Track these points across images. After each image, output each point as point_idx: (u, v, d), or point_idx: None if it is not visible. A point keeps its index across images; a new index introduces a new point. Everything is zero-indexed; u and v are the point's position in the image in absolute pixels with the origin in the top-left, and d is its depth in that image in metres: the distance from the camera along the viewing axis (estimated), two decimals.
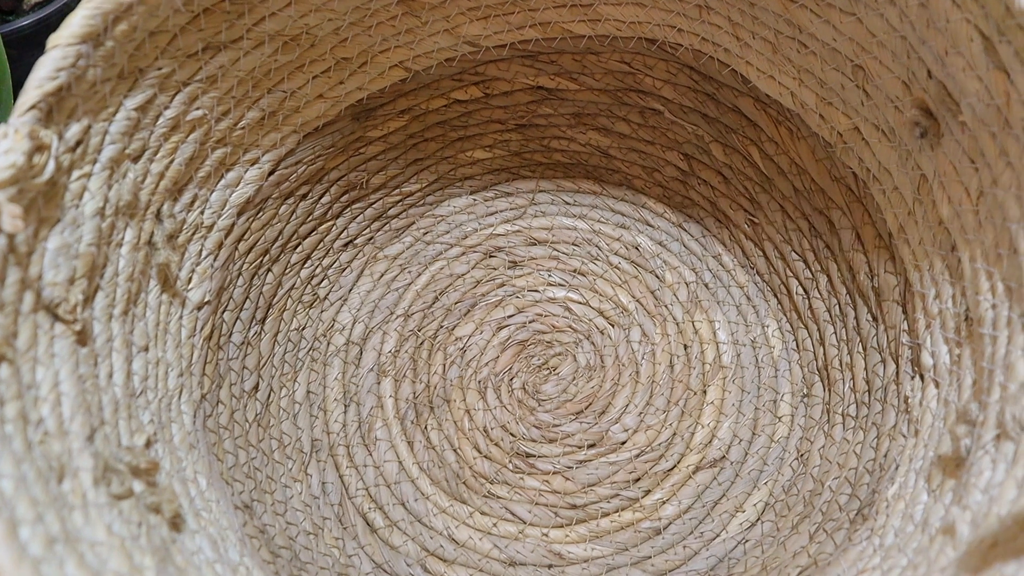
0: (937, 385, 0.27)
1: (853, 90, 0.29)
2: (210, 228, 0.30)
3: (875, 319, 0.31)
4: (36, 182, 0.20)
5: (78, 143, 0.23)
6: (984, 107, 0.23)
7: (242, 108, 0.30)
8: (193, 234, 0.30)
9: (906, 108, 0.26)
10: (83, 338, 0.22)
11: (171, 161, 0.27)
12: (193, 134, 0.28)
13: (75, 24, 0.21)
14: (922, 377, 0.28)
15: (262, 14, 0.28)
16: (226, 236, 0.31)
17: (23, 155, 0.20)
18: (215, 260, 0.31)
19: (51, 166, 0.21)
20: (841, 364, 0.33)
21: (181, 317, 0.29)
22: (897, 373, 0.30)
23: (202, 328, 0.30)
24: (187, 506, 0.25)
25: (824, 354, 0.34)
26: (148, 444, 0.24)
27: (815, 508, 0.31)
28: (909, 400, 0.28)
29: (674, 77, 0.35)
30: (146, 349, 0.26)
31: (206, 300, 0.30)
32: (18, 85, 0.36)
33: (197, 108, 0.28)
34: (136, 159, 0.26)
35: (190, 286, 0.29)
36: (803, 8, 0.28)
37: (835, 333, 0.34)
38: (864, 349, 0.32)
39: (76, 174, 0.23)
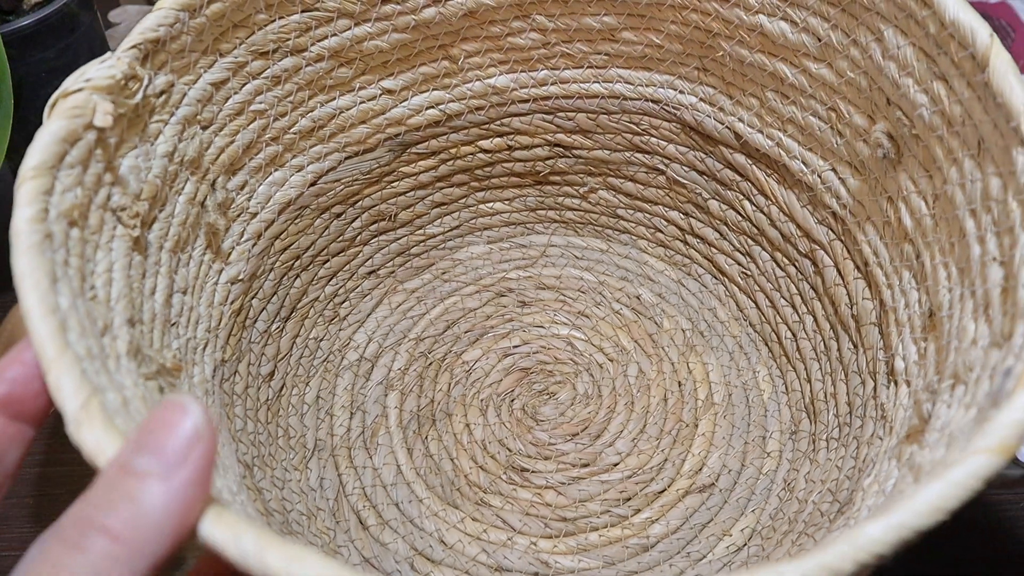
0: (908, 384, 0.29)
1: (828, 132, 0.33)
2: (253, 215, 0.34)
3: (855, 345, 0.33)
4: (127, 101, 0.24)
5: (162, 92, 0.27)
6: (930, 114, 0.26)
7: (296, 114, 0.34)
8: (239, 215, 0.33)
9: (871, 136, 0.30)
10: (139, 246, 0.25)
11: (232, 141, 0.32)
12: (253, 124, 0.32)
13: None
14: (896, 383, 0.30)
15: (326, 32, 0.33)
16: (266, 228, 0.35)
17: (121, 74, 0.24)
18: (253, 246, 0.34)
19: (140, 95, 0.25)
20: (826, 395, 0.35)
21: (217, 283, 0.32)
22: (875, 388, 0.31)
23: (232, 301, 0.33)
24: None
25: (811, 390, 0.36)
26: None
27: (798, 522, 0.32)
28: (885, 406, 0.30)
29: (676, 137, 0.40)
30: (184, 292, 0.29)
31: (240, 278, 0.33)
32: (18, 85, 0.38)
33: (260, 102, 0.32)
34: (205, 127, 0.30)
35: (229, 260, 0.33)
36: (783, 60, 0.33)
37: (820, 368, 0.36)
38: (846, 376, 0.34)
39: (155, 118, 0.27)
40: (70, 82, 0.23)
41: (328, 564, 0.15)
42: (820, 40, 0.31)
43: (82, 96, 0.23)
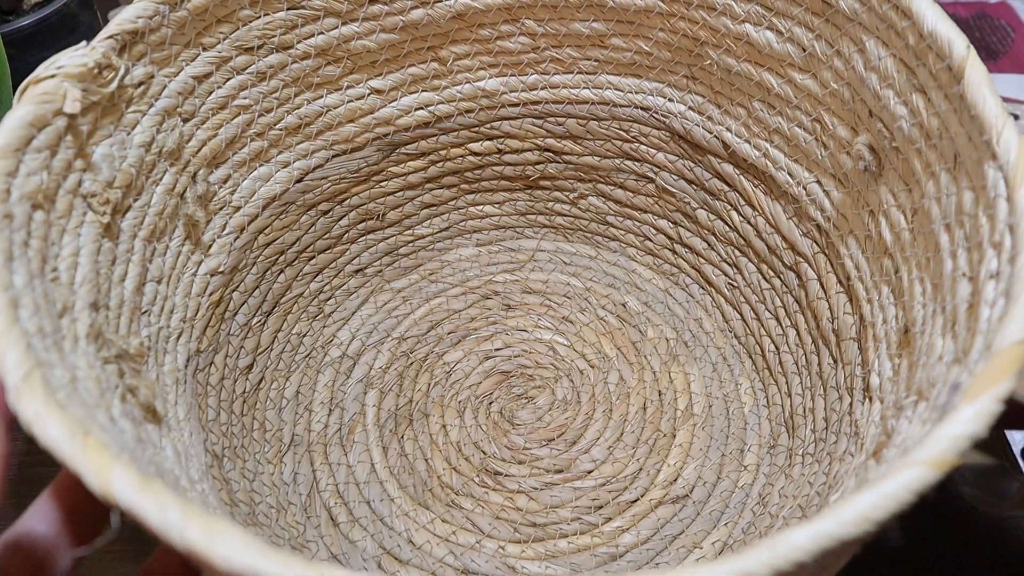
0: (882, 401, 0.28)
1: (813, 144, 0.33)
2: (237, 209, 0.34)
3: (835, 360, 0.33)
4: (100, 89, 0.25)
5: (141, 83, 0.27)
6: (910, 127, 0.26)
7: (282, 111, 0.34)
8: (221, 208, 0.33)
9: (853, 148, 0.30)
10: (110, 233, 0.26)
11: (214, 135, 0.32)
12: (237, 119, 0.33)
13: None
14: (871, 399, 0.29)
15: (313, 31, 0.33)
16: (249, 222, 0.35)
17: (94, 62, 0.24)
18: (236, 240, 0.34)
19: (115, 84, 0.25)
20: (804, 410, 0.34)
21: (195, 274, 0.32)
22: (851, 404, 0.31)
23: (211, 293, 0.33)
24: (160, 409, 0.26)
25: (791, 404, 0.36)
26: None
27: (767, 537, 0.31)
28: (859, 423, 0.29)
29: (665, 145, 0.39)
30: (159, 282, 0.29)
31: (220, 270, 0.33)
32: (18, 85, 0.39)
33: (245, 97, 0.32)
34: (186, 120, 0.30)
35: (210, 252, 0.33)
36: (769, 70, 0.33)
37: (801, 382, 0.35)
38: (825, 391, 0.33)
39: (133, 108, 0.27)
40: (42, 69, 0.23)
41: (249, 541, 0.15)
42: (805, 50, 0.30)
43: (53, 83, 0.23)
